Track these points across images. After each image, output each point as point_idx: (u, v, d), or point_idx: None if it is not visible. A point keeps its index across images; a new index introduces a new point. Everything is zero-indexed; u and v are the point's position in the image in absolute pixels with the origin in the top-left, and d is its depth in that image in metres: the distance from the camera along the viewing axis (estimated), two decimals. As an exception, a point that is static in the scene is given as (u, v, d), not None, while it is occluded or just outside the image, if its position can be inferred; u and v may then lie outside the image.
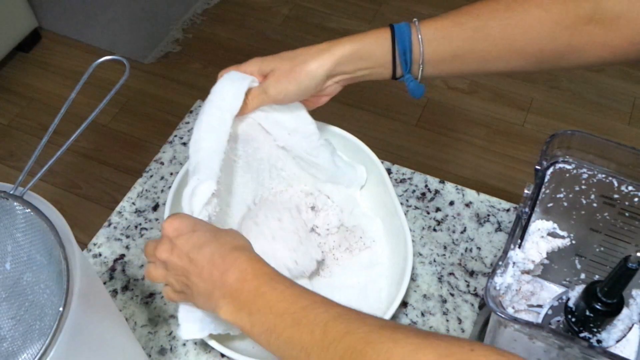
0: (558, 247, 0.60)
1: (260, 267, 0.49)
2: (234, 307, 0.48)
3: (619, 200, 0.57)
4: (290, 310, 0.45)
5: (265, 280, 0.48)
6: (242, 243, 0.52)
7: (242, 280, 0.48)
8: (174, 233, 0.52)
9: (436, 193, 0.78)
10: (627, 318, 0.53)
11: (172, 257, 0.51)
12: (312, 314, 0.44)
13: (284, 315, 0.45)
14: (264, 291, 0.47)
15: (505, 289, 0.53)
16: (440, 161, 1.72)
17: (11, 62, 2.06)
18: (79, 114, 0.59)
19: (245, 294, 0.48)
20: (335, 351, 0.41)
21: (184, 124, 0.86)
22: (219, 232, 0.53)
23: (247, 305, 0.48)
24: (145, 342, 0.67)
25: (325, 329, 0.43)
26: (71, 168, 1.76)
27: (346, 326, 0.42)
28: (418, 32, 0.59)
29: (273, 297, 0.47)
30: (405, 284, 0.61)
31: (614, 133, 1.79)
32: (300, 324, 0.44)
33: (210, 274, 0.49)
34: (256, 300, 0.47)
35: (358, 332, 0.41)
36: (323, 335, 0.43)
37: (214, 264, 0.49)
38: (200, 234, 0.52)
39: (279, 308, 0.46)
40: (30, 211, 0.42)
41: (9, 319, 0.44)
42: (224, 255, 0.50)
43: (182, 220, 0.53)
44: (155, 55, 2.05)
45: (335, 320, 0.43)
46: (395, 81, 0.63)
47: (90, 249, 0.74)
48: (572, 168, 0.57)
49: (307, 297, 0.46)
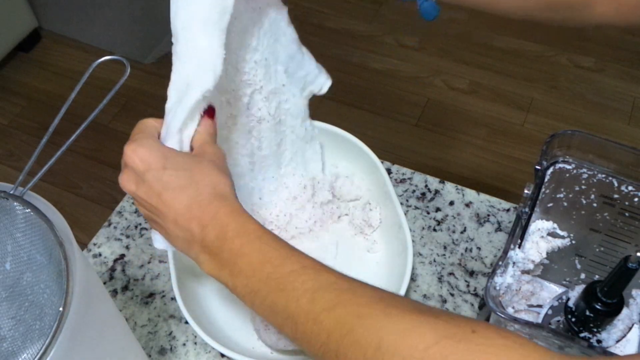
0: (558, 247, 0.60)
1: (243, 223, 0.44)
2: (215, 265, 0.44)
3: (619, 200, 0.57)
4: (274, 275, 0.41)
5: (248, 240, 0.43)
6: (222, 188, 0.46)
7: (223, 239, 0.44)
8: (142, 166, 0.45)
9: (436, 193, 0.78)
10: (627, 318, 0.53)
11: (139, 192, 0.46)
12: (299, 280, 0.40)
13: (267, 280, 0.41)
14: (246, 252, 0.43)
15: (505, 289, 0.53)
16: (440, 161, 1.72)
17: (11, 62, 2.06)
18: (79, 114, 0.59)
19: (226, 253, 0.43)
20: (322, 324, 0.38)
21: (184, 124, 0.86)
22: (195, 172, 0.46)
23: (228, 265, 0.43)
24: (145, 342, 0.67)
25: (313, 298, 0.39)
26: (71, 168, 1.76)
27: (336, 296, 0.39)
28: None
29: (256, 259, 0.42)
30: (405, 284, 0.61)
31: (614, 133, 1.79)
32: (285, 290, 0.41)
33: (188, 225, 0.44)
34: (238, 261, 0.43)
35: (349, 304, 0.38)
36: (310, 305, 0.39)
37: (192, 215, 0.44)
38: (172, 172, 0.45)
39: (263, 272, 0.42)
40: (30, 211, 0.42)
41: (9, 319, 0.44)
42: (203, 206, 0.44)
43: (151, 152, 0.46)
44: (155, 55, 2.05)
45: (325, 289, 0.39)
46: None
47: (90, 249, 0.74)
48: (572, 168, 0.57)
49: (295, 261, 0.42)
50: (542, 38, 2.06)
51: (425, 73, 1.95)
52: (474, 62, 1.99)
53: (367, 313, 0.37)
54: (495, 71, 1.97)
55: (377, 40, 2.07)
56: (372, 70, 1.95)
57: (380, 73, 1.95)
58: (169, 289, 0.70)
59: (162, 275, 0.71)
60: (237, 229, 0.44)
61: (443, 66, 1.97)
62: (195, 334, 0.66)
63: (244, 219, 0.45)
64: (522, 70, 1.96)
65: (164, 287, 0.71)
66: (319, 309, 0.39)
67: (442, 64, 1.98)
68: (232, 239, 0.43)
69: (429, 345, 0.34)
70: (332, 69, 0.65)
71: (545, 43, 2.04)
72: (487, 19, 2.14)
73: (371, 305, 0.38)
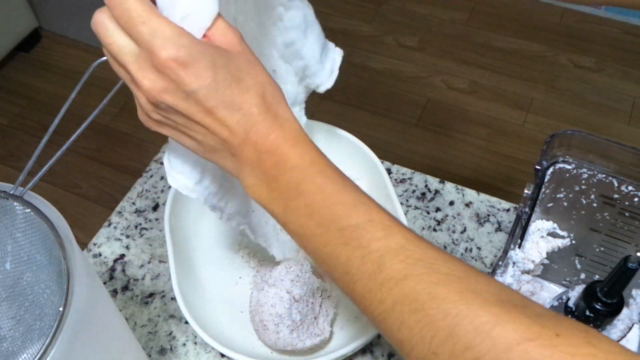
0: (558, 247, 0.60)
1: (302, 154, 0.39)
2: (266, 191, 0.39)
3: (619, 200, 0.57)
4: (338, 225, 0.36)
5: (309, 175, 0.38)
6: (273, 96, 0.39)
7: (280, 167, 0.38)
8: (193, 83, 0.37)
9: (436, 193, 0.78)
10: (627, 318, 0.53)
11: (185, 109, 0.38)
12: (365, 237, 0.36)
13: (329, 227, 0.37)
14: (305, 190, 0.38)
15: (505, 289, 0.53)
16: (440, 161, 1.72)
17: (11, 62, 2.06)
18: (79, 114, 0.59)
19: (282, 185, 0.38)
20: (389, 293, 0.34)
21: (184, 124, 0.86)
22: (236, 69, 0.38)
23: (282, 197, 0.38)
24: (145, 342, 0.67)
25: (380, 262, 0.35)
26: (71, 168, 1.77)
27: (407, 267, 0.34)
28: None
29: (317, 201, 0.37)
30: (405, 284, 0.61)
31: (614, 133, 1.79)
32: (348, 244, 0.36)
33: (241, 149, 0.39)
34: (295, 197, 0.38)
35: (422, 280, 0.33)
36: (376, 269, 0.35)
37: (247, 135, 0.38)
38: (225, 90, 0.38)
39: (324, 217, 0.37)
40: (30, 211, 0.42)
41: (9, 319, 0.44)
42: (258, 126, 0.38)
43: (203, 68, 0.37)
44: (155, 55, 2.05)
45: (395, 254, 0.35)
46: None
47: (90, 249, 0.74)
48: (572, 168, 0.57)
49: (362, 211, 0.37)
50: (542, 38, 2.06)
51: (425, 73, 1.95)
52: (474, 62, 1.99)
53: (442, 295, 0.33)
54: (495, 71, 1.97)
55: (377, 40, 2.07)
56: (372, 70, 1.95)
57: (380, 73, 1.95)
58: (169, 289, 0.70)
59: (162, 275, 0.72)
60: (296, 161, 0.38)
61: (443, 66, 1.97)
62: (195, 334, 0.66)
63: (304, 147, 0.39)
64: (522, 70, 1.96)
65: (164, 287, 0.71)
66: (386, 276, 0.34)
67: (442, 64, 1.98)
68: (290, 171, 0.38)
69: (509, 347, 0.30)
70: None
71: (545, 43, 2.04)
72: (487, 19, 2.14)
73: (448, 285, 0.33)
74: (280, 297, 0.60)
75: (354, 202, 0.37)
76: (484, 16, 2.14)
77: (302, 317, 0.60)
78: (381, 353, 0.65)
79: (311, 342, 0.60)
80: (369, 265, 0.35)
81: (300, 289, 0.61)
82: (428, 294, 0.33)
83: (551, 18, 2.13)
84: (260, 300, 0.62)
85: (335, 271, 0.37)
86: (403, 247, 0.35)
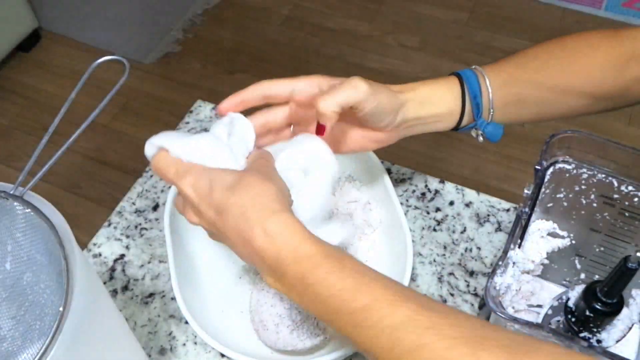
0: (558, 247, 0.60)
1: (296, 247, 0.41)
2: (281, 287, 0.43)
3: (619, 200, 0.57)
4: (346, 309, 0.39)
5: (308, 268, 0.41)
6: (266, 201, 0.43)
7: (284, 264, 0.41)
8: (194, 196, 0.45)
9: (436, 193, 0.78)
10: (627, 318, 0.53)
11: (202, 223, 0.47)
12: (375, 316, 0.38)
13: (339, 314, 0.39)
14: (310, 282, 0.40)
15: (505, 289, 0.53)
16: (440, 161, 1.72)
17: (11, 62, 2.06)
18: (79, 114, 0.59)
19: (290, 279, 0.41)
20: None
21: (184, 124, 0.86)
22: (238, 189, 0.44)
23: (295, 289, 0.42)
24: (145, 342, 0.67)
25: (392, 338, 0.37)
26: (71, 168, 1.77)
27: (419, 337, 0.36)
28: (484, 76, 0.59)
29: (323, 291, 0.40)
30: (405, 284, 0.61)
31: (614, 133, 1.79)
32: (360, 326, 0.39)
33: (248, 252, 0.43)
34: (305, 289, 0.41)
35: (435, 348, 0.36)
36: (391, 344, 0.37)
37: (245, 242, 0.43)
38: (218, 194, 0.44)
39: (332, 304, 0.39)
40: (30, 211, 0.42)
41: (9, 319, 0.44)
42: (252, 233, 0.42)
43: (198, 177, 0.45)
44: (155, 55, 2.05)
45: (404, 327, 0.37)
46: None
47: (90, 249, 0.74)
48: (572, 168, 0.57)
49: (365, 293, 0.39)
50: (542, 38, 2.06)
51: (425, 73, 1.95)
52: (474, 62, 1.99)
53: (456, 357, 0.35)
54: (495, 71, 1.97)
55: (377, 40, 2.07)
56: (372, 70, 1.95)
57: (380, 73, 1.95)
58: (169, 289, 0.70)
59: (162, 275, 0.72)
60: (295, 257, 0.41)
61: (443, 66, 1.97)
62: (195, 334, 0.66)
63: (297, 241, 0.42)
64: (522, 70, 1.96)
65: (164, 287, 0.71)
66: (401, 350, 0.37)
67: (442, 64, 1.98)
68: (293, 266, 0.41)
69: None
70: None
71: (545, 43, 2.04)
72: (487, 18, 2.14)
73: (458, 349, 0.35)
74: (280, 297, 0.60)
75: (354, 286, 0.40)
76: (484, 16, 2.14)
77: (302, 317, 0.60)
78: (381, 353, 0.65)
79: (311, 342, 0.60)
80: (384, 341, 0.37)
81: None
82: None
83: (551, 18, 2.13)
84: (260, 300, 0.62)
85: (360, 348, 0.40)
86: (411, 319, 0.37)
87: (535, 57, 0.61)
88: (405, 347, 0.36)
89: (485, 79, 0.59)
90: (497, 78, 0.59)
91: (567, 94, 0.60)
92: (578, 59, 0.60)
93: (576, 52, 0.60)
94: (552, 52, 0.61)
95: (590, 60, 0.59)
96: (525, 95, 0.60)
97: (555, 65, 0.60)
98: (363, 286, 0.39)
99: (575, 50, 0.60)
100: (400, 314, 0.38)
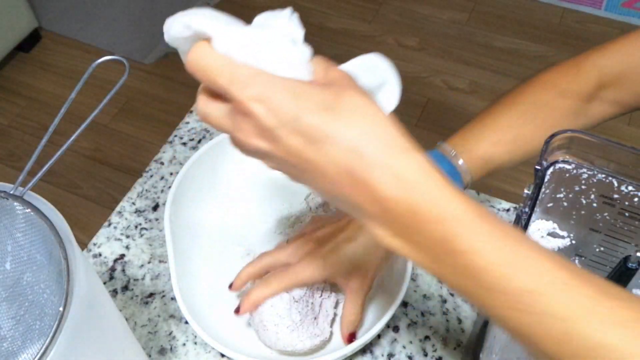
0: (558, 247, 0.60)
1: (443, 203, 0.32)
2: (405, 244, 0.34)
3: (619, 200, 0.57)
4: (503, 288, 0.31)
5: (457, 232, 0.32)
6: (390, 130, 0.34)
7: (421, 222, 0.32)
8: (270, 117, 0.33)
9: (436, 193, 0.78)
10: (627, 318, 0.52)
11: (276, 151, 0.34)
12: (543, 302, 0.31)
13: (493, 292, 0.32)
14: (456, 249, 0.32)
15: (505, 289, 0.53)
16: (440, 161, 1.72)
17: (11, 62, 2.06)
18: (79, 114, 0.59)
19: (426, 240, 0.33)
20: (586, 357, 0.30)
21: (184, 124, 0.86)
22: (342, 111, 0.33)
23: (430, 252, 0.33)
24: (145, 342, 0.67)
25: (565, 331, 0.30)
26: (71, 168, 1.77)
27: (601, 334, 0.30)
28: (465, 170, 0.61)
29: (473, 262, 0.32)
30: (405, 284, 0.61)
31: (614, 133, 1.79)
32: (522, 311, 0.31)
33: (356, 196, 0.33)
34: (446, 256, 0.33)
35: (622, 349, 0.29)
36: (563, 337, 0.30)
37: (355, 184, 0.33)
38: (310, 117, 0.32)
39: (485, 280, 0.32)
40: (30, 211, 0.42)
41: (9, 319, 0.44)
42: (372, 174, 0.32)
43: (272, 89, 0.33)
44: (155, 55, 2.05)
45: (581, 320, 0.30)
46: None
47: (90, 249, 0.74)
48: (572, 168, 0.57)
49: (528, 272, 0.31)
50: (542, 38, 2.06)
51: (425, 73, 1.95)
52: (474, 62, 1.99)
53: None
54: (495, 71, 1.97)
55: (377, 40, 2.07)
56: (372, 70, 1.95)
57: (380, 73, 1.95)
58: (169, 289, 0.70)
59: (162, 275, 0.72)
60: (436, 212, 0.32)
61: (443, 66, 1.97)
62: (195, 334, 0.66)
63: (441, 193, 0.32)
64: (522, 70, 1.96)
65: (164, 287, 0.71)
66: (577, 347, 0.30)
67: (442, 64, 1.98)
68: (431, 224, 0.32)
69: None
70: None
71: (545, 43, 2.04)
72: (487, 18, 2.14)
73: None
74: (279, 297, 0.60)
75: (514, 259, 0.32)
76: (484, 16, 2.14)
77: (301, 318, 0.60)
78: (381, 353, 0.65)
79: (311, 342, 0.60)
80: (554, 332, 0.31)
81: (300, 289, 0.61)
82: None
83: (551, 18, 2.13)
84: None
85: (511, 331, 0.33)
86: (589, 310, 0.30)
87: (509, 127, 0.62)
88: (581, 344, 0.30)
89: (466, 173, 0.61)
90: (476, 162, 0.61)
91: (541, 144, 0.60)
92: (549, 114, 0.62)
93: (547, 107, 0.62)
94: (524, 115, 0.62)
95: (562, 110, 0.61)
96: (505, 162, 0.63)
97: (528, 131, 0.61)
98: (529, 261, 0.32)
99: (545, 104, 0.62)
100: (577, 302, 0.31)
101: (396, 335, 0.66)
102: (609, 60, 0.60)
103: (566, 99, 0.61)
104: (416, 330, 0.66)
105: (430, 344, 0.65)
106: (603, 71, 0.60)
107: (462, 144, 0.61)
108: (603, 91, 0.60)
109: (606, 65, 0.60)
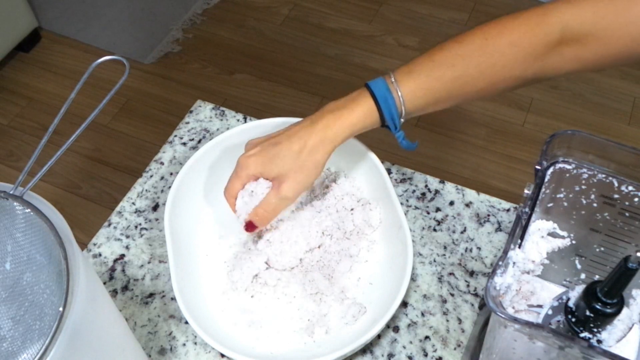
0: (558, 247, 0.60)
1: None
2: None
3: (619, 200, 0.57)
4: None
5: None
6: None
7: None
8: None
9: (436, 193, 0.78)
10: (627, 318, 0.52)
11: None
12: None
13: None
14: None
15: (505, 289, 0.53)
16: (440, 161, 1.72)
17: (11, 62, 2.06)
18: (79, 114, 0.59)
19: None
20: None
21: (184, 124, 0.86)
22: None
23: None
24: (145, 342, 0.67)
25: None
26: (71, 168, 1.77)
27: None
28: (400, 96, 0.62)
29: None
30: (405, 284, 0.61)
31: (614, 133, 1.79)
32: None
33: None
34: None
35: None
36: None
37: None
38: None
39: None
40: (30, 211, 0.42)
41: (9, 319, 0.44)
42: None
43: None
44: (155, 55, 2.05)
45: None
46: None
47: (90, 249, 0.74)
48: (572, 168, 0.57)
49: None
50: (542, 38, 2.06)
51: (425, 73, 1.95)
52: (474, 62, 1.99)
53: None
54: (495, 71, 1.97)
55: (377, 40, 2.07)
56: (372, 70, 1.95)
57: (381, 73, 1.94)
58: (169, 289, 0.70)
59: (162, 275, 0.72)
60: None
61: (443, 66, 1.97)
62: (195, 334, 0.66)
63: None
64: (522, 70, 1.96)
65: (164, 287, 0.71)
66: None
67: (442, 64, 1.98)
68: None
69: None
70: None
71: (545, 43, 2.04)
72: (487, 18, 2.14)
73: None
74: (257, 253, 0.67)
75: None
76: (484, 16, 2.14)
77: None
78: (381, 353, 0.65)
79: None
80: None
81: None
82: None
83: (551, 18, 2.13)
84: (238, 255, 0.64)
85: None
86: None
87: (453, 65, 0.61)
88: None
89: (400, 98, 0.62)
90: (413, 92, 0.62)
91: (486, 88, 0.62)
92: (499, 60, 0.61)
93: (497, 53, 0.61)
94: (469, 56, 0.61)
95: (513, 59, 0.60)
96: (444, 98, 0.63)
97: (473, 72, 0.61)
98: None
99: (495, 50, 0.61)
100: None
101: (396, 335, 0.66)
102: (578, 18, 0.58)
103: (519, 48, 0.60)
104: (416, 330, 0.66)
105: (430, 344, 0.65)
106: (568, 26, 0.58)
107: (406, 75, 0.63)
108: (564, 47, 0.59)
109: (574, 22, 0.58)
